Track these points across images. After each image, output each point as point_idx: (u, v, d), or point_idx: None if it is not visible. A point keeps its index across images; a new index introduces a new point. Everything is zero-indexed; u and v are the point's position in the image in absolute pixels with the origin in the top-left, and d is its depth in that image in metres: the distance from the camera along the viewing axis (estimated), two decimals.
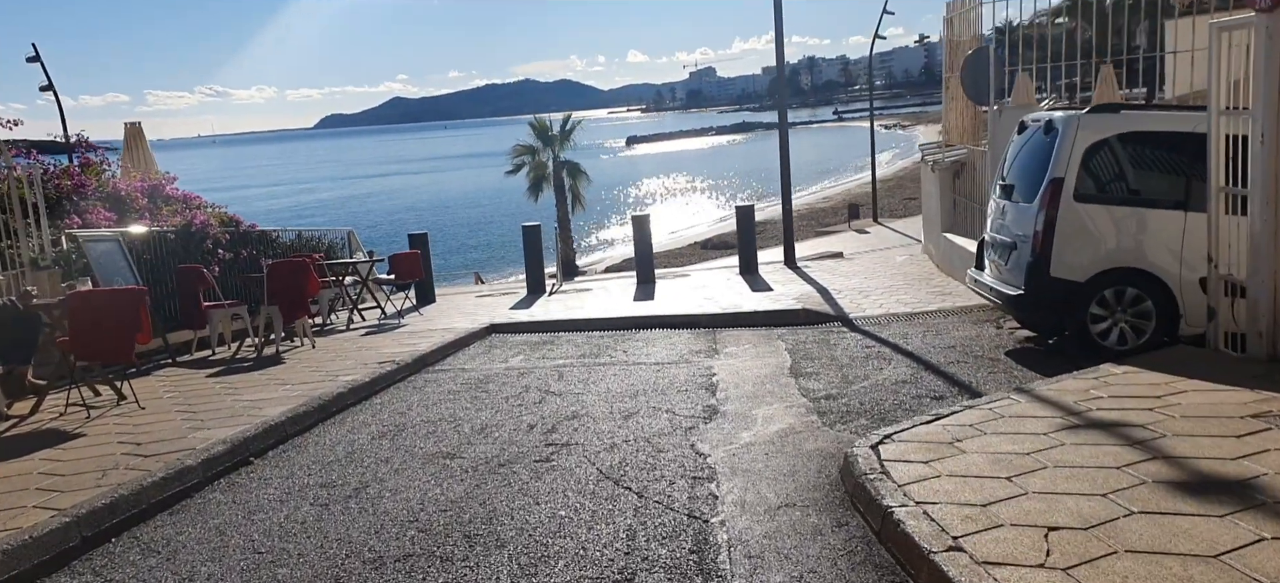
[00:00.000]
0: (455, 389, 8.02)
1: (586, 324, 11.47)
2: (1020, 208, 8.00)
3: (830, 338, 9.52)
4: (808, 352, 8.81)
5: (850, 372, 7.77)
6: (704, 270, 17.29)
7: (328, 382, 7.94)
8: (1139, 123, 7.54)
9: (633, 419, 6.53)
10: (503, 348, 10.21)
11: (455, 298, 15.35)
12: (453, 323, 11.92)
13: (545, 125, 29.48)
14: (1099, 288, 7.45)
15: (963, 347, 8.45)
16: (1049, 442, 4.60)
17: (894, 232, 34.00)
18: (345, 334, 11.61)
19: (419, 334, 11.01)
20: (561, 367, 8.80)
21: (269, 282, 10.24)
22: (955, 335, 9.04)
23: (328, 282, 12.71)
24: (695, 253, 35.90)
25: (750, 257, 15.10)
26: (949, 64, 14.10)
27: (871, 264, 15.40)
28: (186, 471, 5.36)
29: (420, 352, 9.50)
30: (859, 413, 6.36)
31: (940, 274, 13.05)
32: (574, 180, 29.88)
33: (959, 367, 7.65)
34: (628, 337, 10.46)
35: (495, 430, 6.44)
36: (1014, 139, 8.71)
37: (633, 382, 7.90)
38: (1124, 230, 7.42)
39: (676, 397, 7.20)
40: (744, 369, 8.17)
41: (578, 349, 9.79)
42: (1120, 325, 7.47)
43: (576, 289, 15.05)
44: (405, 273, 13.01)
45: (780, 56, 15.79)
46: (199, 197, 12.19)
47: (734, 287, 13.41)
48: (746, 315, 11.10)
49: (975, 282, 8.88)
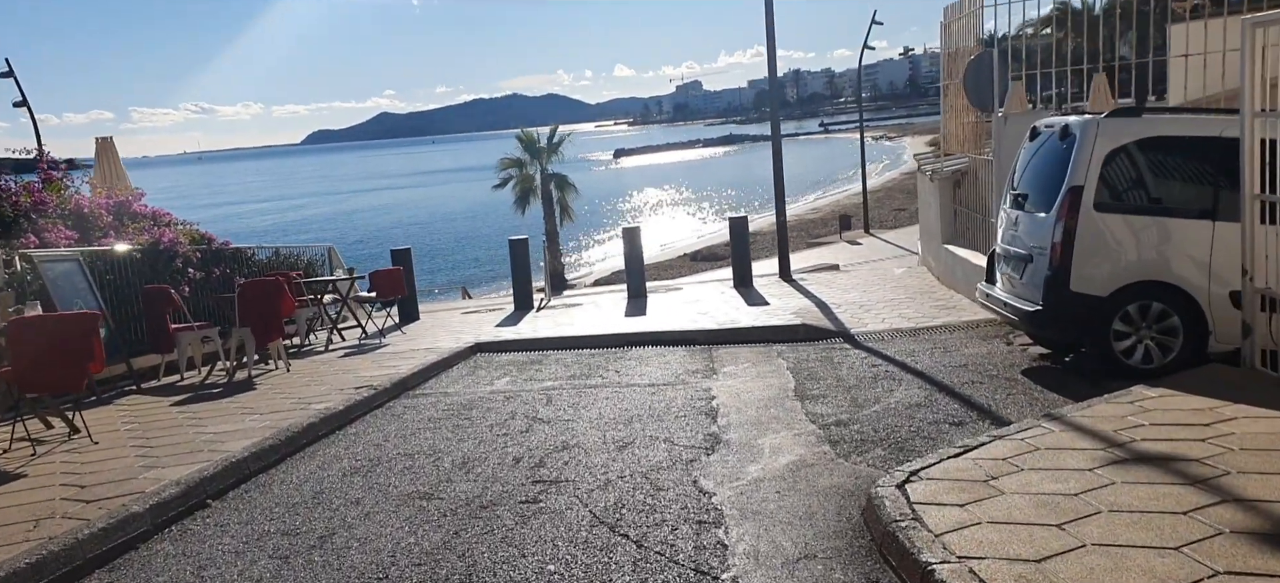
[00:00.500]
0: (436, 417, 7.49)
1: (576, 342, 10.96)
2: (1035, 218, 7.55)
3: (833, 356, 9.04)
4: (811, 371, 8.33)
5: (859, 394, 7.28)
6: (696, 284, 16.79)
7: (299, 410, 7.39)
8: (1163, 127, 7.10)
9: (628, 450, 6.02)
10: (488, 369, 9.68)
11: (440, 315, 14.80)
12: (436, 342, 11.39)
13: (532, 138, 28.98)
14: (1122, 303, 7.00)
15: (975, 365, 7.99)
16: (1096, 479, 4.12)
17: (886, 243, 33.67)
18: (323, 356, 11.05)
19: (400, 355, 10.47)
20: (550, 389, 8.28)
21: (240, 302, 9.68)
22: (965, 353, 8.59)
23: (305, 301, 12.15)
24: (685, 265, 35.45)
25: (745, 269, 14.62)
26: (947, 71, 13.70)
27: (869, 277, 14.95)
28: (131, 519, 4.80)
29: (400, 375, 8.96)
30: (874, 441, 5.87)
31: (942, 287, 12.61)
32: (562, 193, 29.37)
33: (974, 388, 7.17)
34: (620, 355, 9.96)
35: (478, 465, 5.91)
36: (1025, 146, 8.27)
37: (626, 406, 7.38)
38: (1148, 242, 6.97)
39: (675, 423, 6.70)
40: (745, 391, 7.68)
41: (567, 369, 9.28)
42: (1145, 343, 7.01)
43: (565, 304, 14.54)
44: (387, 290, 12.46)
45: (773, 69, 15.36)
46: (169, 213, 11.63)
47: (729, 301, 12.93)
48: (744, 331, 10.62)
49: (986, 297, 8.41)
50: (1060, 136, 7.43)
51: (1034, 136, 8.09)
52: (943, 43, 13.65)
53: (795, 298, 12.70)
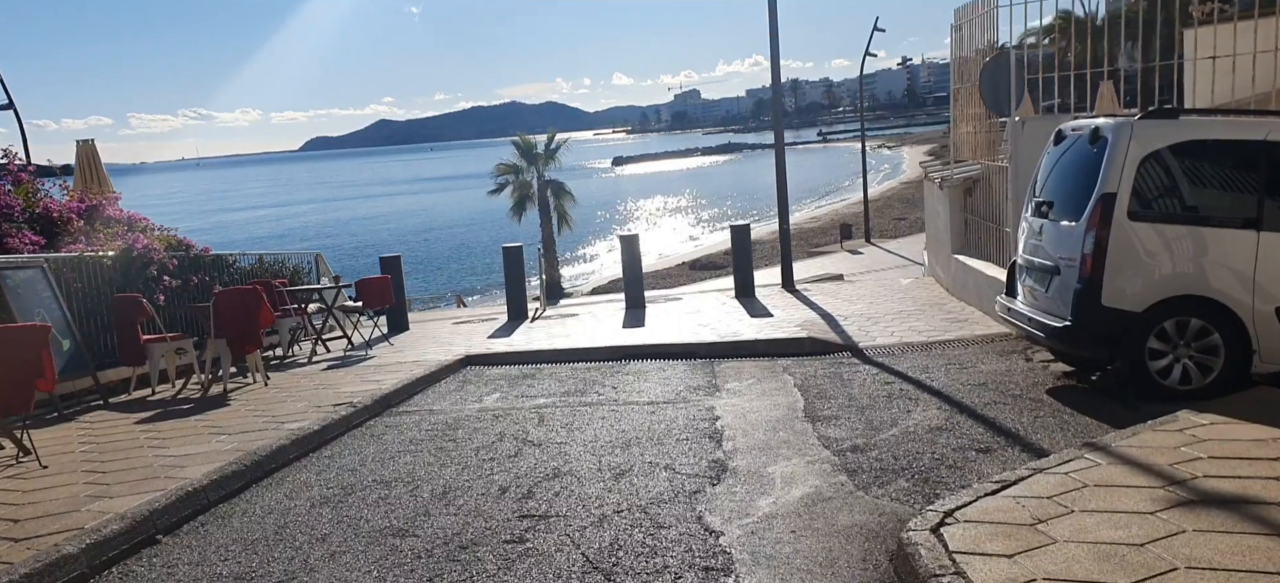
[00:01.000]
0: (418, 438, 6.95)
1: (571, 355, 10.44)
2: (1062, 228, 7.04)
3: (842, 372, 8.53)
4: (820, 388, 7.81)
5: (873, 415, 6.76)
6: (696, 293, 16.27)
7: (270, 430, 6.86)
8: (1203, 130, 6.60)
9: (625, 479, 5.49)
10: (478, 383, 9.15)
11: (431, 325, 14.27)
12: (424, 354, 10.86)
13: (530, 144, 28.45)
14: (1158, 319, 6.48)
15: (995, 384, 7.48)
16: (1163, 525, 3.60)
17: (888, 252, 33.23)
18: (305, 369, 10.53)
19: (386, 368, 9.95)
20: (542, 408, 7.75)
21: (216, 312, 9.15)
22: (982, 369, 8.08)
23: (288, 310, 11.63)
24: (684, 274, 34.97)
25: (747, 279, 14.11)
26: (957, 74, 13.21)
27: (875, 288, 14.42)
28: (63, 561, 4.26)
29: (384, 390, 8.43)
30: (895, 471, 5.35)
31: (953, 299, 12.10)
32: (559, 200, 28.83)
33: (998, 409, 6.66)
34: (617, 370, 9.44)
35: (460, 495, 5.37)
36: (1049, 150, 7.77)
37: (624, 427, 6.86)
38: (1186, 253, 6.46)
39: (676, 448, 6.17)
40: (751, 411, 7.16)
41: (561, 385, 8.76)
42: (1183, 362, 6.50)
43: (561, 314, 14.01)
44: (374, 299, 11.93)
45: (776, 77, 14.87)
46: (145, 218, 11.10)
47: (731, 312, 12.42)
48: (747, 345, 10.11)
49: (1008, 311, 7.90)
50: (1090, 140, 6.93)
51: (1059, 140, 7.59)
52: (953, 45, 13.16)
53: (799, 309, 12.20)
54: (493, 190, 28.99)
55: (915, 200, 54.14)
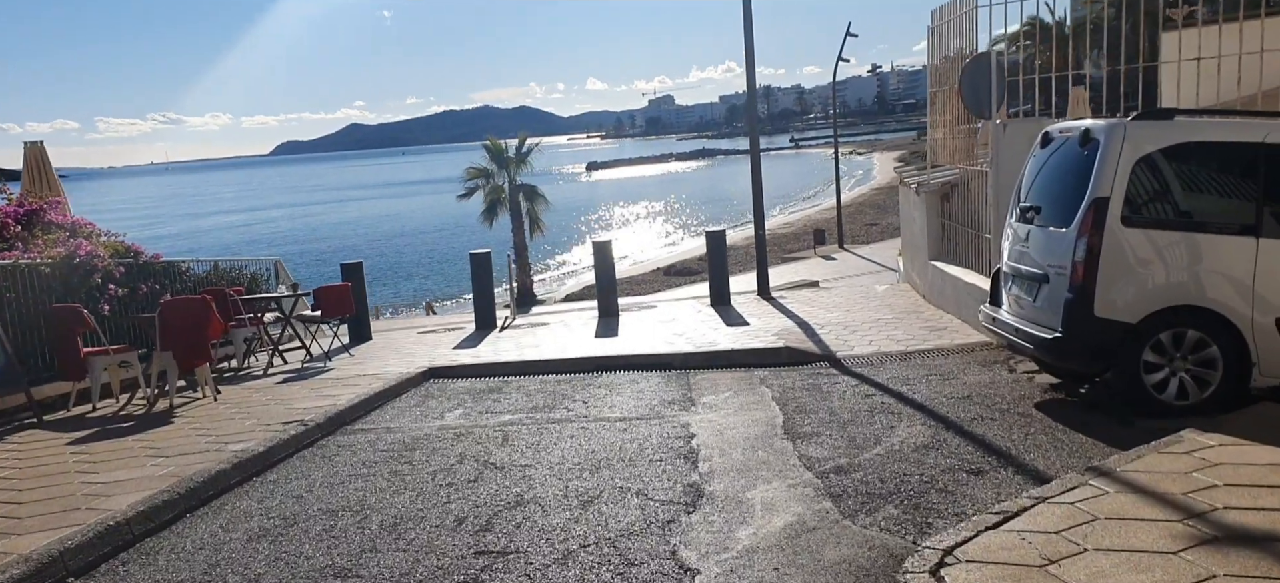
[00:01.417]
0: (372, 460, 6.48)
1: (541, 366, 10.01)
2: (1050, 234, 6.73)
3: (821, 383, 8.18)
4: (800, 402, 7.45)
5: (856, 432, 6.40)
6: (671, 301, 15.88)
7: (213, 452, 6.36)
8: (1200, 132, 6.31)
9: (594, 507, 5.08)
10: (440, 398, 8.69)
11: (395, 334, 13.76)
12: (385, 366, 10.37)
13: (500, 147, 27.91)
14: (1153, 330, 6.19)
15: (980, 397, 7.15)
16: (1191, 569, 3.25)
17: (861, 258, 33.06)
18: (260, 381, 10.00)
19: (344, 381, 9.45)
20: (507, 425, 7.31)
21: (161, 323, 8.61)
22: (965, 381, 7.76)
23: (243, 320, 11.08)
24: (658, 279, 34.62)
25: (722, 286, 13.74)
26: (934, 78, 12.94)
27: (851, 295, 14.13)
28: None
29: (339, 406, 7.95)
30: (882, 495, 4.98)
31: (930, 307, 11.82)
32: (531, 204, 28.30)
33: (986, 426, 6.32)
34: (588, 382, 9.03)
35: (412, 527, 4.93)
36: (1035, 153, 7.47)
37: (594, 447, 6.44)
38: (1182, 261, 6.17)
39: (649, 470, 5.77)
40: (728, 427, 6.77)
41: (529, 399, 8.32)
42: (1180, 376, 6.20)
43: (531, 323, 13.56)
44: (334, 308, 11.41)
45: (751, 84, 14.54)
46: (91, 224, 10.52)
47: (706, 320, 12.04)
48: (723, 355, 9.75)
49: (992, 320, 7.58)
50: (1080, 143, 6.63)
51: (1046, 143, 7.28)
52: (930, 47, 12.88)
53: (776, 317, 11.86)
54: (462, 195, 28.39)
55: (887, 206, 54.27)
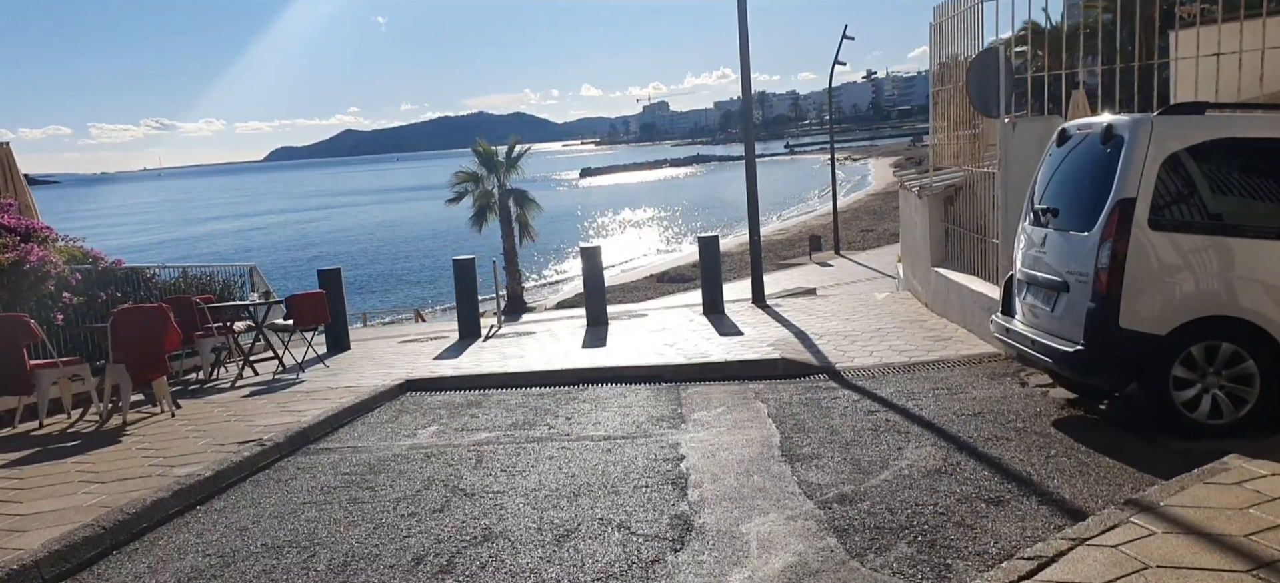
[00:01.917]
0: (332, 485, 5.93)
1: (524, 379, 9.47)
2: (1070, 239, 6.21)
3: (820, 397, 7.65)
4: (798, 419, 6.92)
5: (860, 453, 5.87)
6: (663, 308, 15.35)
7: (156, 476, 5.80)
8: (1232, 128, 5.80)
9: (570, 543, 4.53)
10: (415, 414, 8.14)
11: (375, 344, 13.20)
12: (360, 378, 9.82)
13: (490, 151, 27.32)
14: (1184, 343, 5.67)
15: (992, 414, 6.63)
16: None
17: (858, 264, 32.57)
18: (226, 395, 9.44)
19: (314, 395, 8.90)
20: (483, 445, 6.76)
21: (114, 334, 8.05)
22: (975, 396, 7.24)
23: (211, 329, 10.52)
24: (651, 287, 34.08)
25: (715, 294, 13.22)
26: (937, 78, 12.46)
27: (849, 303, 13.60)
28: None
29: (302, 423, 7.39)
30: (894, 530, 4.44)
31: (932, 315, 11.30)
32: (522, 209, 27.70)
33: (1002, 446, 5.80)
34: (573, 396, 8.49)
35: (364, 569, 4.37)
36: (1051, 152, 6.96)
37: (574, 471, 5.90)
38: (1215, 267, 5.66)
39: (633, 498, 5.23)
40: (721, 447, 6.24)
41: (508, 415, 7.78)
42: (1213, 393, 5.69)
43: (517, 332, 13.01)
44: (308, 316, 10.84)
45: (746, 89, 14.02)
46: (48, 228, 9.94)
47: (698, 329, 11.51)
48: (716, 367, 9.22)
49: (1005, 332, 7.05)
50: (1102, 140, 6.11)
51: (1063, 141, 6.77)
52: (932, 46, 12.40)
53: (771, 326, 11.33)
54: (450, 200, 27.78)
55: (883, 212, 53.87)
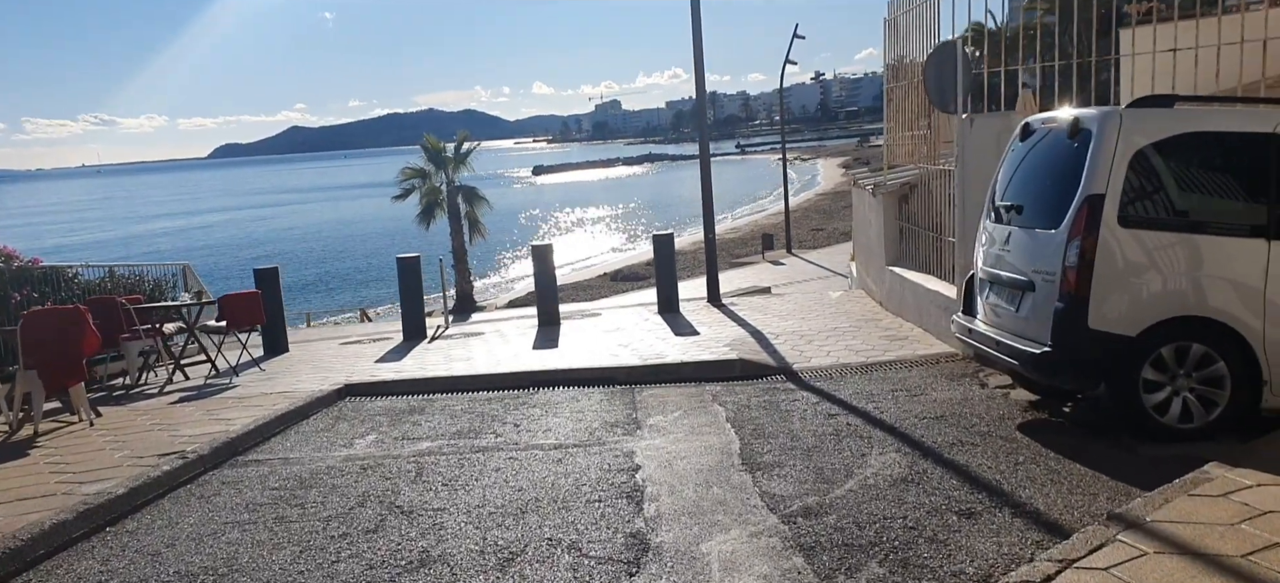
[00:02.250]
0: (258, 502, 5.47)
1: (470, 382, 9.05)
2: (1036, 236, 6.02)
3: (778, 400, 7.39)
4: (757, 423, 6.64)
5: (823, 461, 5.60)
6: (617, 308, 15.01)
7: (60, 496, 5.29)
8: (1203, 121, 5.65)
9: (515, 568, 4.17)
10: (353, 421, 7.68)
11: (315, 346, 12.63)
12: (297, 382, 9.31)
13: (438, 146, 26.68)
14: (1154, 344, 5.50)
15: (955, 416, 6.43)
16: None
17: (810, 263, 32.60)
18: (152, 402, 8.87)
19: (246, 402, 8.38)
20: (424, 455, 6.35)
21: (23, 338, 7.46)
22: (936, 398, 7.04)
23: (138, 331, 9.90)
24: (605, 285, 33.72)
25: (670, 293, 12.91)
26: (891, 74, 12.32)
27: (804, 302, 13.39)
28: None
29: (231, 433, 6.90)
30: (863, 548, 4.16)
31: (887, 314, 11.14)
32: (472, 206, 27.08)
33: (969, 453, 5.57)
34: (522, 401, 8.11)
35: None
36: (1013, 147, 6.77)
37: (522, 484, 5.53)
38: (1186, 267, 5.50)
39: (585, 514, 4.88)
40: (678, 455, 5.92)
41: (453, 422, 7.37)
42: (1183, 395, 5.53)
43: (465, 332, 12.55)
44: (241, 318, 10.27)
45: (700, 87, 13.76)
46: None
47: (653, 329, 11.20)
48: (672, 368, 8.91)
49: (967, 332, 6.85)
50: (1068, 134, 5.93)
51: (1026, 135, 6.59)
52: (886, 41, 12.25)
53: (727, 326, 11.06)
54: (397, 196, 27.05)
55: (832, 211, 54.22)
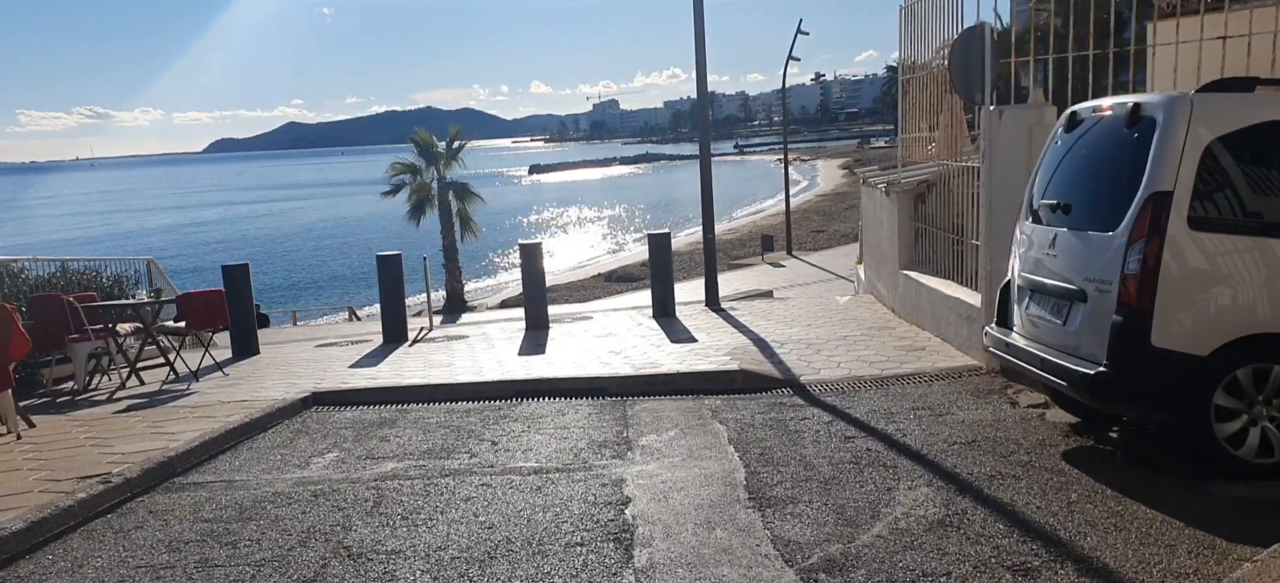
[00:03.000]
0: (184, 538, 4.68)
1: (449, 392, 8.28)
2: (1088, 240, 5.25)
3: (786, 418, 6.62)
4: (763, 446, 5.87)
5: (843, 496, 4.83)
6: (610, 310, 14.23)
7: None
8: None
9: None
10: (315, 436, 6.90)
11: (289, 348, 11.83)
12: (260, 389, 8.53)
13: (429, 141, 25.84)
14: (1229, 366, 4.74)
15: (989, 442, 5.67)
16: None
17: (811, 265, 31.85)
18: (97, 410, 8.09)
19: (199, 411, 7.60)
20: (386, 481, 5.57)
21: None
22: (963, 418, 6.28)
23: (87, 332, 9.10)
24: (598, 286, 32.97)
25: (666, 296, 12.12)
26: (907, 66, 11.56)
27: (809, 307, 12.58)
28: None
29: (171, 452, 6.10)
30: None
31: (901, 322, 10.38)
32: (463, 203, 26.24)
33: (1011, 488, 4.81)
34: (504, 413, 7.34)
35: None
36: (1058, 139, 6.00)
37: (492, 519, 4.75)
38: (1266, 276, 4.74)
39: (563, 562, 4.10)
40: (675, 486, 5.15)
41: (425, 439, 6.59)
42: (1262, 425, 4.77)
43: (449, 335, 11.77)
44: (202, 319, 9.47)
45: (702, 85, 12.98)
46: None
47: (648, 336, 10.42)
48: (667, 379, 8.15)
49: (1002, 346, 6.08)
50: (1127, 123, 5.15)
51: (1073, 126, 5.81)
52: (902, 32, 11.47)
53: (727, 333, 10.29)
54: (386, 192, 26.20)
55: (833, 212, 53.52)
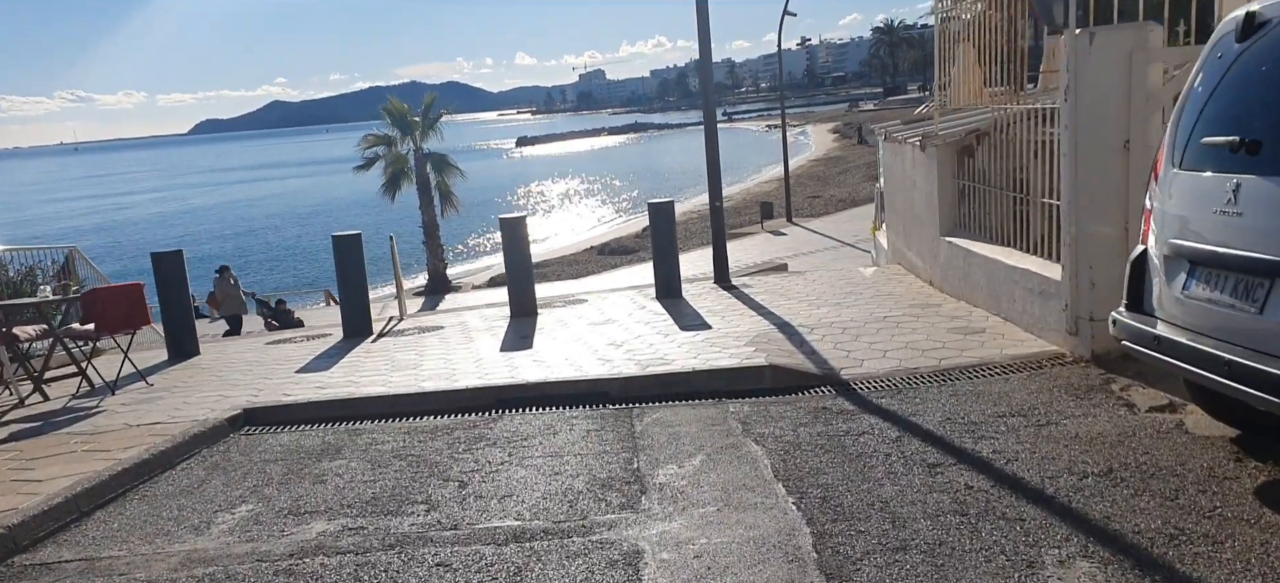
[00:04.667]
0: None
1: (413, 402, 6.71)
2: None
3: (839, 432, 5.08)
4: (823, 483, 4.31)
5: (957, 571, 3.28)
6: (607, 290, 12.59)
7: None
8: None
9: None
10: (234, 472, 5.31)
11: (233, 347, 10.19)
12: (184, 405, 6.94)
13: (403, 110, 24.01)
14: None
15: (1133, 474, 4.14)
16: None
17: (814, 233, 30.31)
18: None
19: (94, 441, 6.00)
20: (307, 554, 3.98)
21: None
22: (1075, 430, 4.76)
23: None
24: (592, 260, 31.37)
25: (671, 274, 10.50)
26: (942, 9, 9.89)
27: (832, 282, 10.90)
28: None
29: (24, 512, 4.49)
30: None
31: (945, 298, 8.82)
32: (442, 175, 24.46)
33: (1202, 555, 3.28)
34: (479, 433, 5.77)
35: None
36: (1223, 54, 4.35)
37: None
38: None
39: None
40: (712, 562, 3.58)
41: (373, 477, 5.01)
42: None
43: (420, 327, 10.14)
44: (114, 320, 7.82)
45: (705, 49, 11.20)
46: None
47: (653, 321, 8.85)
48: (681, 378, 6.61)
49: (1147, 339, 4.47)
50: None
51: (1249, 32, 4.17)
52: None
53: (744, 316, 8.71)
54: (360, 166, 24.37)
55: (828, 177, 52.13)
